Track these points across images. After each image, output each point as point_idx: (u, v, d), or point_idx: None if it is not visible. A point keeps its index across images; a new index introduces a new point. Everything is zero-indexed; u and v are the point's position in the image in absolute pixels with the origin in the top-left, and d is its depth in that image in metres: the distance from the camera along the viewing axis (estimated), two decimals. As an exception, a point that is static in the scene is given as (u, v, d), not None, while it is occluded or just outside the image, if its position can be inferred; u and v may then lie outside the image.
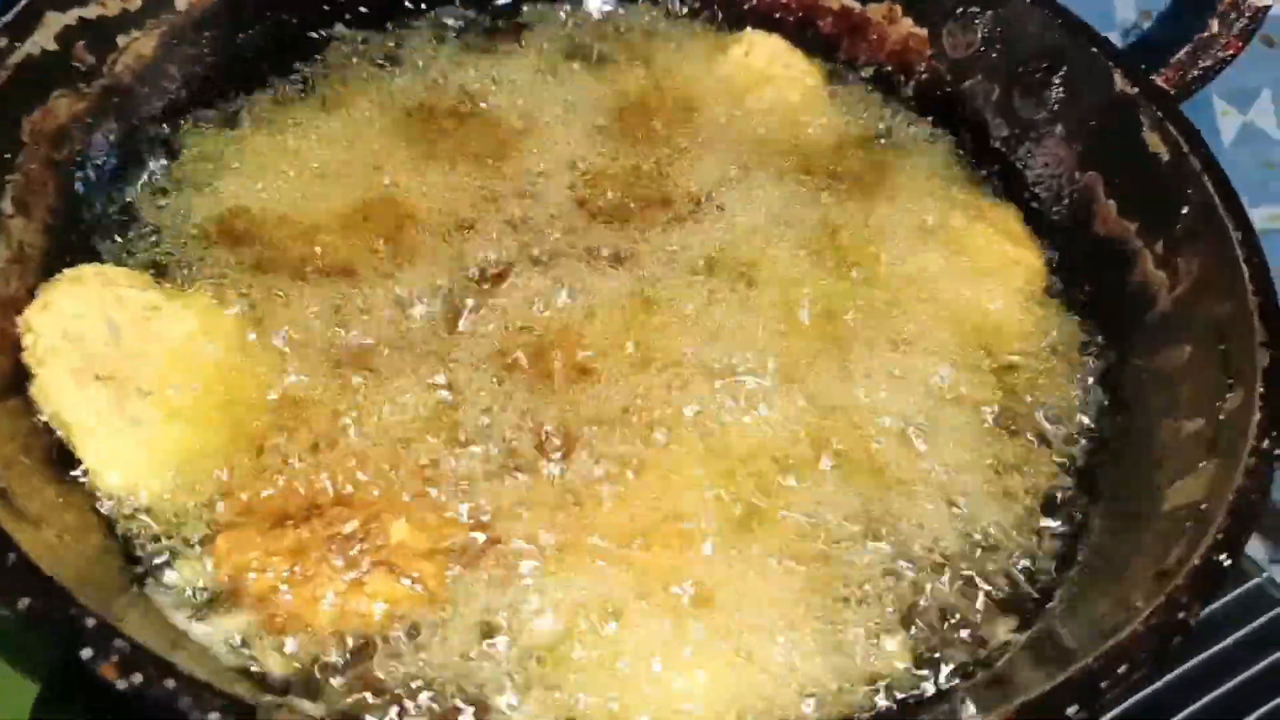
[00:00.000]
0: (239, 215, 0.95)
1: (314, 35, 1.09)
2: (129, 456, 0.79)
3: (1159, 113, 0.95)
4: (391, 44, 1.12)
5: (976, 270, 1.00)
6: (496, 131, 1.06)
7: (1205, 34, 0.97)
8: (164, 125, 1.00)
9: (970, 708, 0.71)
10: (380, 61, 1.09)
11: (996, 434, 0.91)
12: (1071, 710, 0.63)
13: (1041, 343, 0.97)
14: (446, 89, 1.09)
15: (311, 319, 0.89)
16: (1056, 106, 1.04)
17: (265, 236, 0.94)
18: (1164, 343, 0.90)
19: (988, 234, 1.02)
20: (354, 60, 1.09)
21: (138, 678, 0.56)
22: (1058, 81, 1.03)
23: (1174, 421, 0.85)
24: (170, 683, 0.56)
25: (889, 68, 1.15)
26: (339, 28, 1.11)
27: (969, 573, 0.83)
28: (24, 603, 0.57)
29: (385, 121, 1.04)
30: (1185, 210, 0.91)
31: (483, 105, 1.08)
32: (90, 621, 0.57)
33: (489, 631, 0.76)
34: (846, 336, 0.94)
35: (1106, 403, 0.93)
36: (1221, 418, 0.80)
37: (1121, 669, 0.64)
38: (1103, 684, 0.63)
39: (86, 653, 0.56)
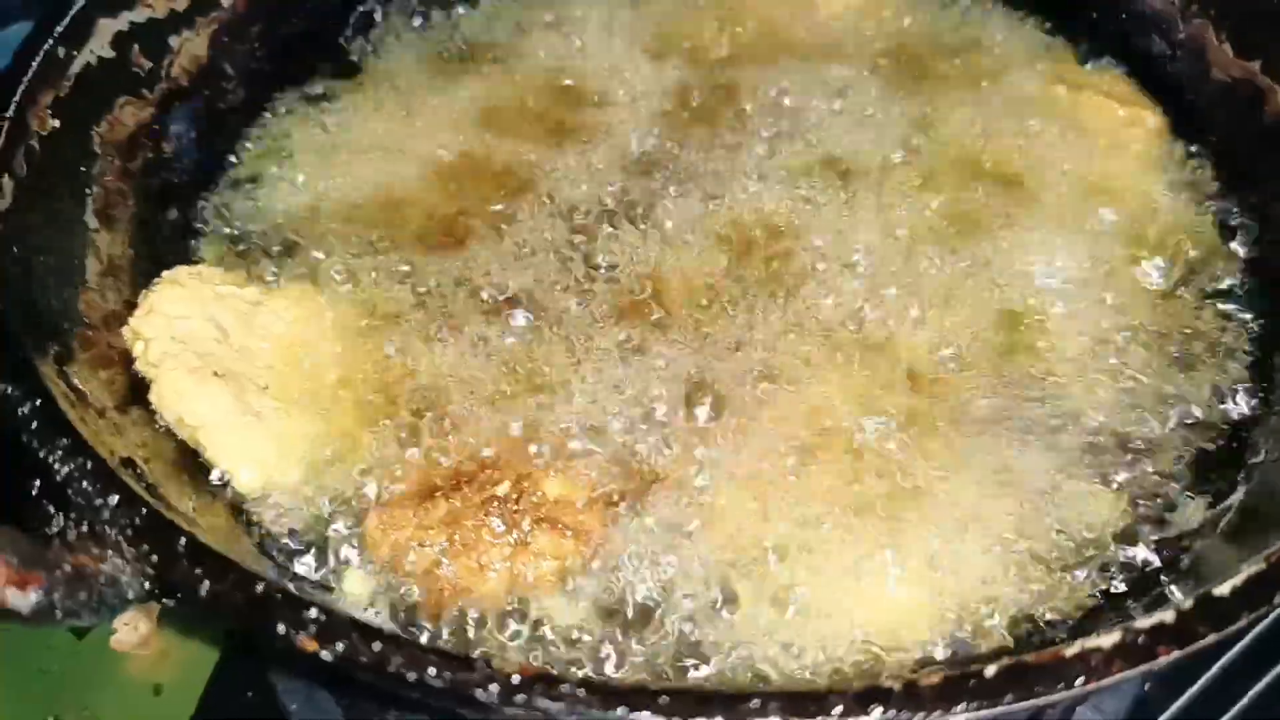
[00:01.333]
0: (320, 201, 0.92)
1: (360, 8, 1.04)
2: (259, 451, 0.75)
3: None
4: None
5: (1092, 138, 0.95)
6: (559, 77, 1.01)
7: None
8: (228, 122, 0.96)
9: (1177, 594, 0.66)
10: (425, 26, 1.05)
11: (1155, 305, 0.85)
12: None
13: (1178, 200, 0.91)
14: (495, 42, 1.04)
15: (411, 290, 0.86)
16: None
17: (350, 218, 0.91)
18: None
19: (1097, 101, 0.97)
20: (400, 31, 1.05)
21: (340, 645, 0.51)
22: (1148, -69, 0.97)
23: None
24: (376, 645, 0.51)
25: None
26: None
27: (1154, 454, 0.77)
28: (206, 588, 0.52)
29: (445, 86, 1.00)
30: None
31: (541, 54, 1.03)
32: (278, 595, 0.52)
33: (665, 574, 0.71)
34: (977, 225, 0.89)
35: (1257, 255, 0.86)
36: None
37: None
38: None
39: (280, 628, 0.51)
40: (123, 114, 0.87)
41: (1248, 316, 0.84)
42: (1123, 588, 0.70)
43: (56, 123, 0.80)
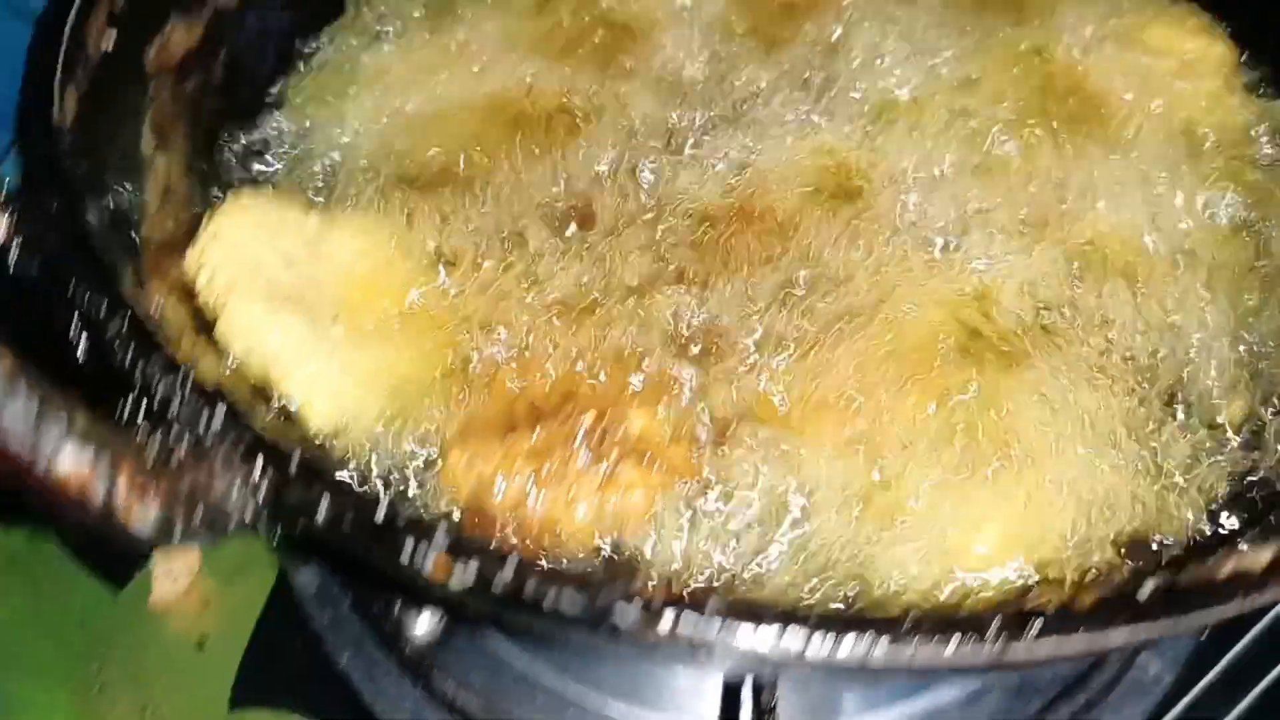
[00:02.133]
0: (376, 129, 0.88)
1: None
2: (335, 384, 0.72)
3: None
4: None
5: (1164, 72, 0.93)
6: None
7: None
8: (280, 48, 0.92)
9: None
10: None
11: (1238, 239, 0.83)
12: None
13: (1257, 132, 0.89)
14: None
15: (479, 220, 0.83)
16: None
17: (412, 147, 0.87)
18: None
19: (1166, 34, 0.95)
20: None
21: (471, 568, 0.48)
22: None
23: None
24: (511, 570, 0.48)
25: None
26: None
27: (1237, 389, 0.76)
28: (325, 510, 0.49)
29: (506, 18, 0.96)
30: None
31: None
32: (403, 520, 0.49)
33: (763, 511, 0.69)
34: (1054, 156, 0.87)
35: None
36: None
37: None
38: None
39: (407, 553, 0.48)
40: (174, 34, 0.83)
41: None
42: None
43: (113, 38, 0.76)
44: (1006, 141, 0.87)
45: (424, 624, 0.94)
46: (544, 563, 0.54)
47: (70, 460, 0.42)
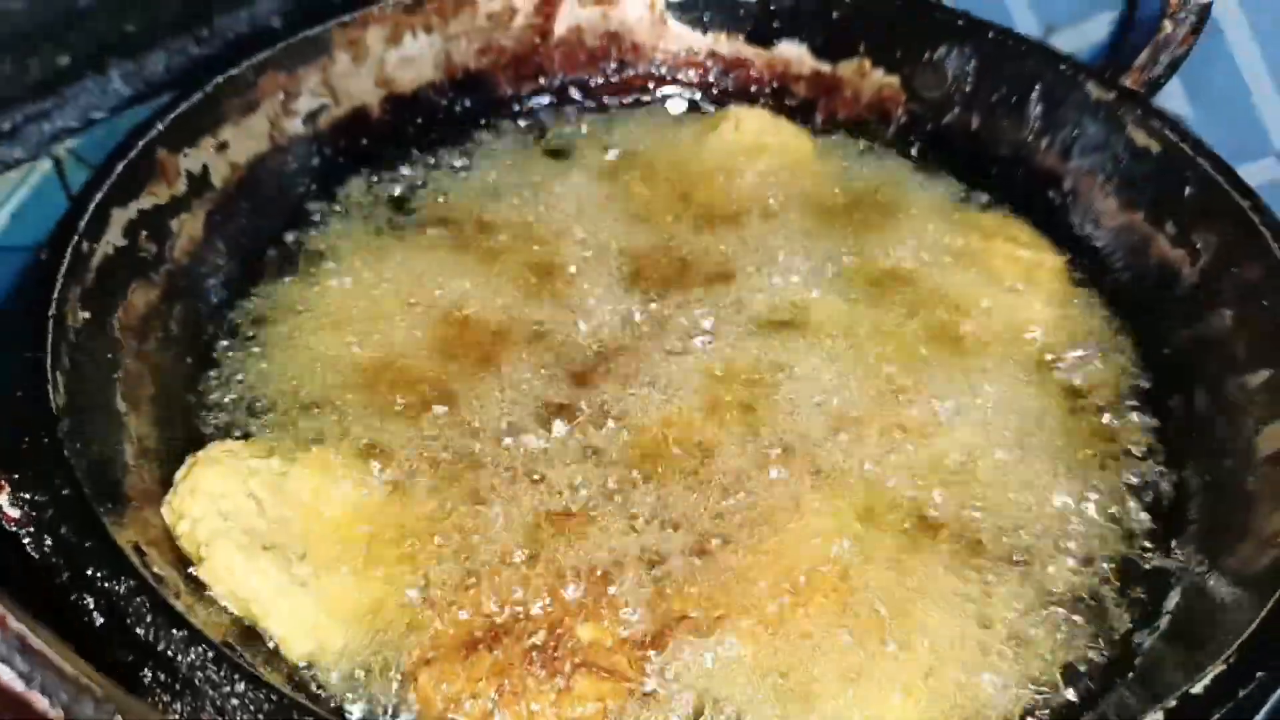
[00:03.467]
0: (320, 365, 0.98)
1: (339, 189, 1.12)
2: (311, 618, 0.80)
3: (1139, 111, 1.05)
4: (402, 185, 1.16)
5: (1004, 281, 1.08)
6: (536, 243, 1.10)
7: (1161, 34, 1.08)
8: (226, 296, 1.01)
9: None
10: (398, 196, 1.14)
11: (1074, 430, 0.98)
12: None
13: (1085, 334, 1.05)
14: (470, 208, 1.13)
15: (425, 448, 0.92)
16: (1038, 124, 1.13)
17: (352, 380, 0.97)
18: (1200, 312, 0.99)
19: (1005, 248, 1.11)
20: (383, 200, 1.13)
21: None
22: (1035, 100, 1.12)
23: (1238, 378, 0.93)
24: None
25: (869, 119, 1.23)
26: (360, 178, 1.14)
27: (1088, 566, 0.89)
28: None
29: (434, 248, 1.08)
30: (1188, 191, 1.01)
31: (512, 220, 1.12)
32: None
33: (698, 706, 0.79)
34: (915, 364, 1.00)
35: (1163, 380, 1.01)
36: (1290, 361, 0.88)
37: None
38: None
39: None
40: (134, 297, 0.92)
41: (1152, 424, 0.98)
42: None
43: (86, 315, 0.85)
44: (869, 350, 1.01)
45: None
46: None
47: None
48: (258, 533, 0.82)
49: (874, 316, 1.05)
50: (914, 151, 1.21)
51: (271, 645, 0.80)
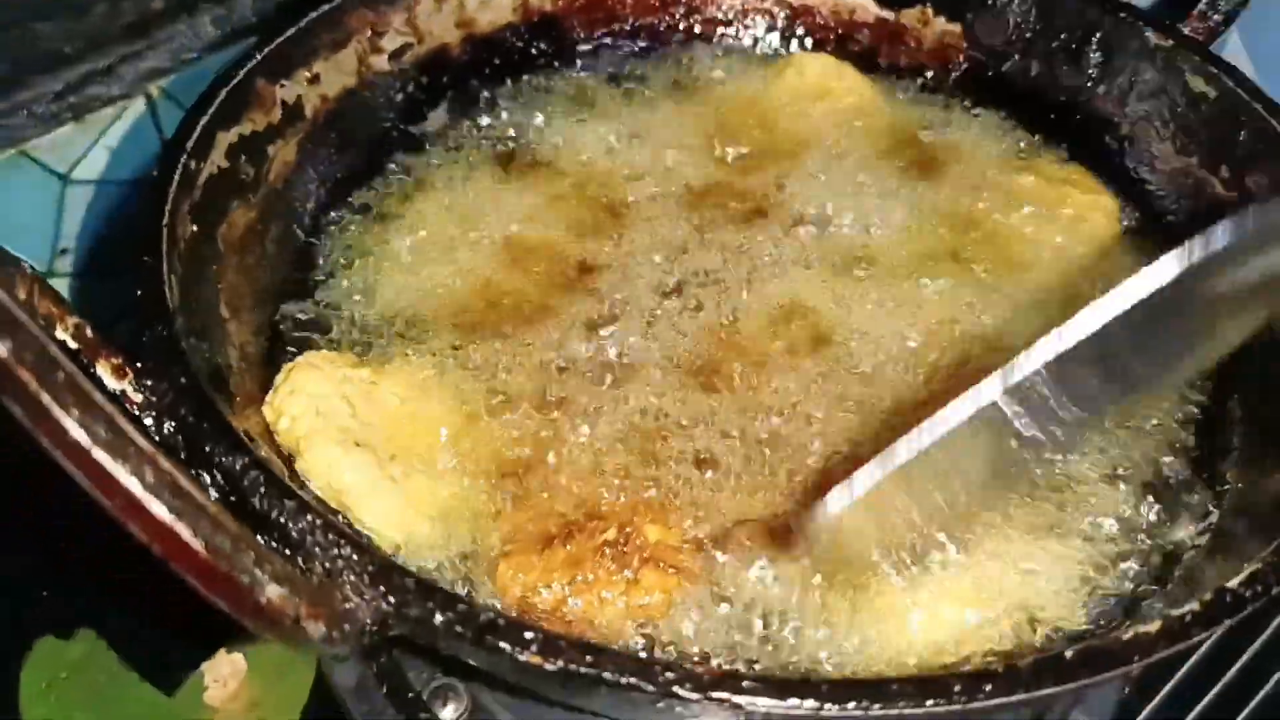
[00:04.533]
0: (411, 289, 1.04)
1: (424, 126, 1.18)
2: (402, 512, 0.86)
3: (1196, 57, 1.08)
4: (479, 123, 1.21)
5: (1062, 224, 1.12)
6: (607, 180, 1.16)
7: (1221, -17, 1.11)
8: (317, 219, 1.07)
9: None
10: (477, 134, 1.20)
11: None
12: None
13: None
14: (544, 144, 1.19)
15: (510, 363, 0.98)
16: (1096, 71, 1.16)
17: (441, 302, 1.02)
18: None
19: (1061, 190, 1.14)
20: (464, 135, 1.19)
21: (561, 660, 0.63)
22: (1094, 47, 1.15)
23: (1287, 317, 0.96)
24: (589, 656, 0.63)
25: (930, 65, 1.26)
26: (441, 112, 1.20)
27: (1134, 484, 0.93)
28: (440, 619, 0.64)
29: (511, 182, 1.14)
30: (1242, 135, 1.04)
31: (583, 158, 1.18)
32: (501, 620, 0.64)
33: (750, 604, 0.85)
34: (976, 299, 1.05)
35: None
36: (1335, 299, 0.91)
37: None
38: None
39: (506, 646, 0.63)
40: (235, 216, 0.98)
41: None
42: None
43: (194, 227, 0.91)
44: (930, 284, 1.05)
45: (451, 710, 1.08)
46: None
47: (275, 592, 0.56)
48: (351, 432, 0.88)
49: (935, 254, 1.08)
50: (973, 98, 1.24)
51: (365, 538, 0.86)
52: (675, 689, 0.63)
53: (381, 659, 1.06)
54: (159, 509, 0.51)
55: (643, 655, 0.71)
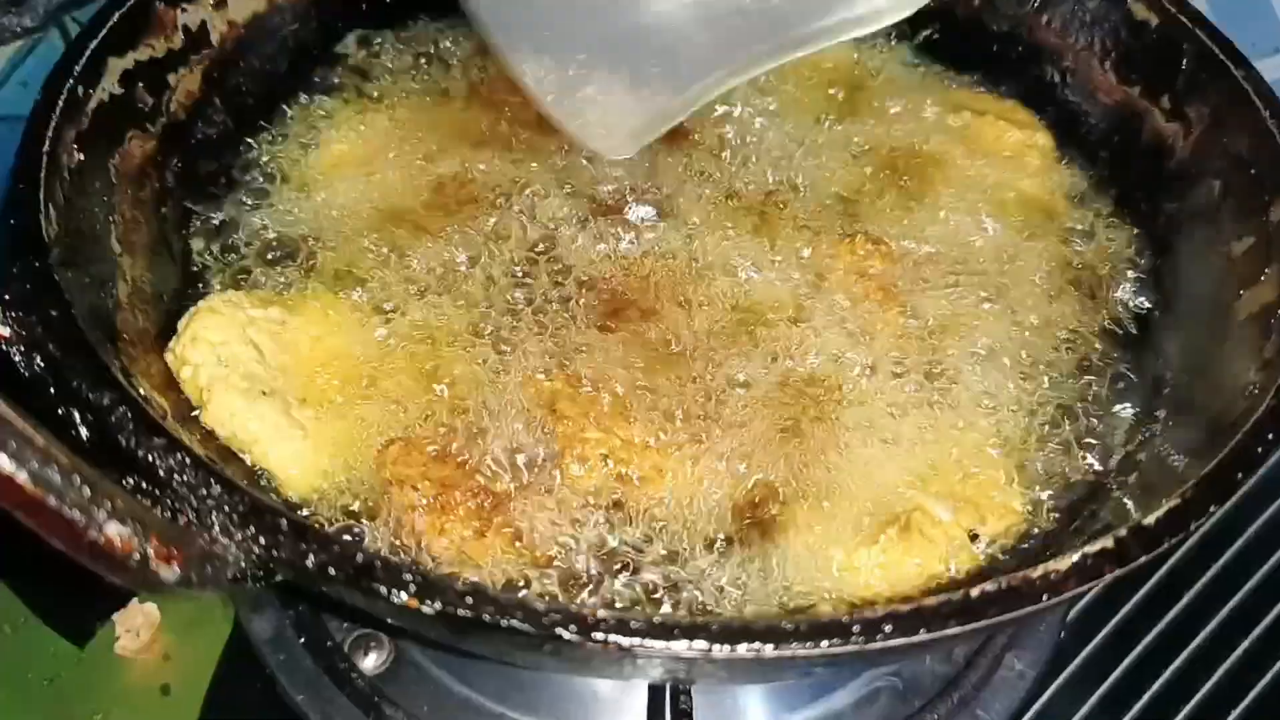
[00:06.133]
0: (319, 216, 1.00)
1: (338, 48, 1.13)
2: (309, 457, 0.83)
3: (1138, -18, 1.04)
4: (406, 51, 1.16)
5: (994, 157, 1.08)
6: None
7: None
8: (223, 151, 1.03)
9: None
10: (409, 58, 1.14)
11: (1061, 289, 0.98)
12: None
13: (1073, 209, 1.05)
14: (467, 71, 1.14)
15: (420, 296, 0.94)
16: (1038, 1, 1.12)
17: (351, 228, 0.98)
18: (1191, 184, 0.99)
19: (996, 125, 1.11)
20: (378, 62, 1.14)
21: (437, 602, 0.60)
22: (1035, -24, 1.11)
23: (1222, 247, 0.93)
24: (469, 599, 0.60)
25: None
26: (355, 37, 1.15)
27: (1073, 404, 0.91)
28: (312, 560, 0.61)
29: (433, 110, 1.09)
30: (1184, 64, 1.00)
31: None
32: (378, 562, 0.61)
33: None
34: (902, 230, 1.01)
35: (1150, 252, 1.01)
36: (1271, 228, 0.88)
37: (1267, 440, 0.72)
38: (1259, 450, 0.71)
39: (383, 589, 0.60)
40: (131, 146, 0.93)
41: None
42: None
43: (81, 156, 0.87)
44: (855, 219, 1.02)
45: (372, 660, 1.05)
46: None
47: (115, 530, 0.53)
48: (257, 378, 0.84)
49: (863, 189, 1.05)
50: (913, 32, 1.19)
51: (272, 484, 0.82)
52: (558, 631, 0.60)
53: (298, 609, 1.04)
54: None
55: (525, 596, 0.67)
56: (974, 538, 0.82)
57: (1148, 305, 0.98)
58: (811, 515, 0.82)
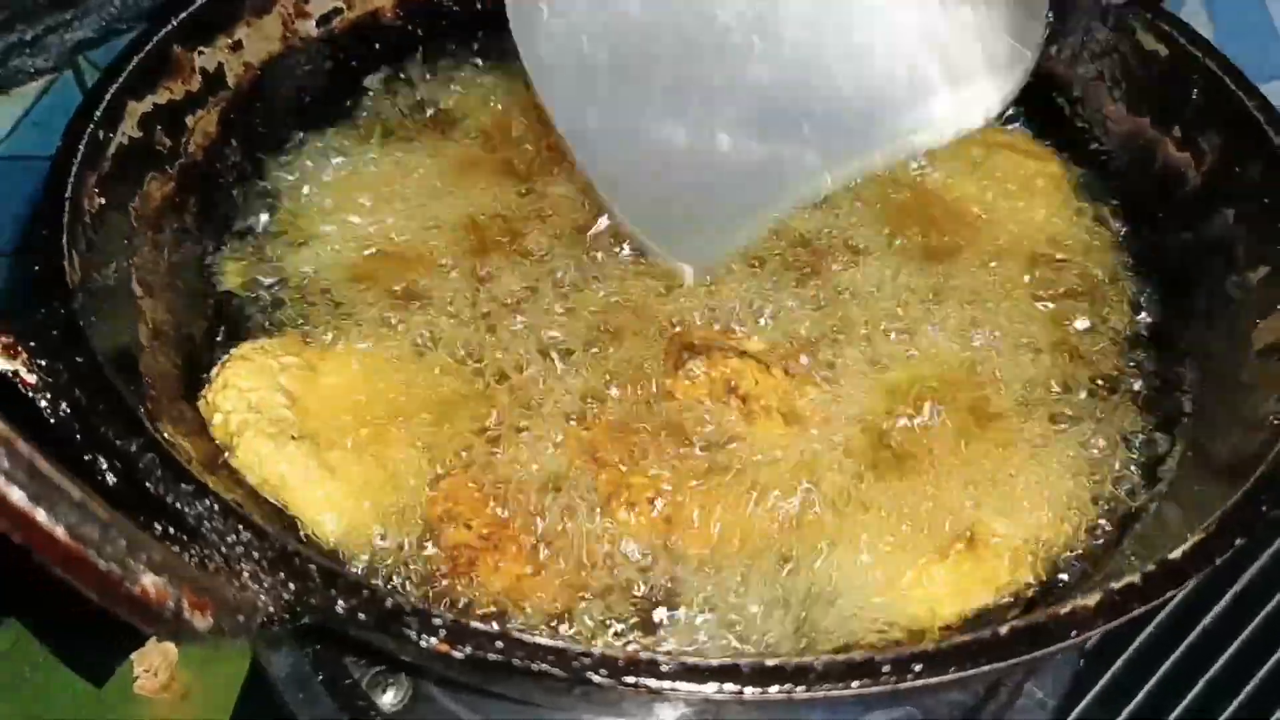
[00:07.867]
0: (342, 260, 1.00)
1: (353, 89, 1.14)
2: (339, 502, 0.83)
3: (1148, 15, 1.05)
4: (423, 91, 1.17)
5: (1008, 190, 1.08)
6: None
7: (1173, -62, 1.08)
8: (243, 192, 1.03)
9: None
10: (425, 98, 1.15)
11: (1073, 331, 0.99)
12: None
13: (1088, 240, 1.05)
14: (480, 112, 1.15)
15: (445, 336, 0.95)
16: (1046, 33, 1.12)
17: (374, 273, 0.99)
18: (1204, 215, 0.99)
19: (1010, 157, 1.11)
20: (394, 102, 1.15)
21: (468, 646, 0.60)
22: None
23: (1237, 277, 0.93)
24: (500, 644, 0.60)
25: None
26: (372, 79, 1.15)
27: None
28: (342, 605, 0.61)
29: (452, 151, 1.10)
30: (1195, 93, 1.00)
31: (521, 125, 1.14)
32: (408, 607, 0.61)
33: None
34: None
35: (1163, 282, 1.01)
36: (1287, 257, 0.89)
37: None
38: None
39: (413, 633, 0.60)
40: (150, 188, 0.94)
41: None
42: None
43: (102, 200, 0.87)
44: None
45: (390, 696, 1.05)
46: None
47: (150, 581, 0.53)
48: (287, 423, 0.85)
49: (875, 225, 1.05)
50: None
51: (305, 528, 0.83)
52: (589, 675, 0.60)
53: (317, 646, 1.04)
54: (14, 493, 0.48)
55: (556, 641, 0.67)
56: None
57: (1163, 336, 0.98)
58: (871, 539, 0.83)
